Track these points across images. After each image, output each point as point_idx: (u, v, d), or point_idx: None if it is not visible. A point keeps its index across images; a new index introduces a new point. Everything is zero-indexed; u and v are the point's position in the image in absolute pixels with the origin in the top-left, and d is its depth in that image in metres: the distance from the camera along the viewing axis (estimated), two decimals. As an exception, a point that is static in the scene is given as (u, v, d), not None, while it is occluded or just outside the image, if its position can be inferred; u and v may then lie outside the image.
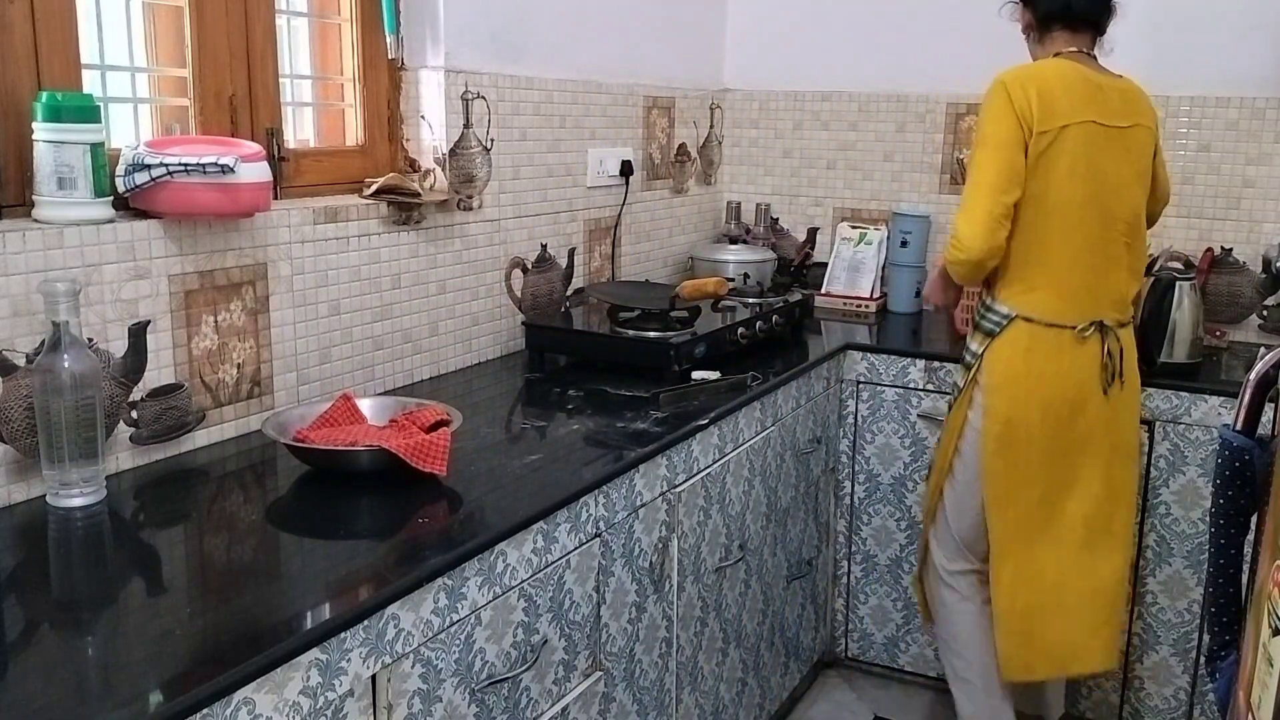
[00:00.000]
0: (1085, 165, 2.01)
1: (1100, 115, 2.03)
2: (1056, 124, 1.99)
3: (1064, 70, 2.05)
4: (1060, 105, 1.99)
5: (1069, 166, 2.01)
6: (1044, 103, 1.99)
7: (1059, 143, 1.99)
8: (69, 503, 1.47)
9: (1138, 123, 2.10)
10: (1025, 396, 2.08)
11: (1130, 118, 2.09)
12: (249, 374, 1.83)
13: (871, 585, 2.78)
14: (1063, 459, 2.10)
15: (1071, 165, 2.01)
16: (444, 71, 2.18)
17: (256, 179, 1.66)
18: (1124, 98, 2.09)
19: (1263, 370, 1.21)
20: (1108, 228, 2.06)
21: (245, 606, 1.25)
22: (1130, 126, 2.08)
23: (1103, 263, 2.07)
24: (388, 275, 2.09)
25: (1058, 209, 2.02)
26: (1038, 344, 2.07)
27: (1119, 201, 2.07)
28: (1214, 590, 1.27)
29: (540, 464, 1.73)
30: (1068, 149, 2.00)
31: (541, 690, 1.61)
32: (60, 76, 1.58)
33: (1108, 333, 2.07)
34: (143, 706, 1.01)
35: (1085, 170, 2.01)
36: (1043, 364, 2.07)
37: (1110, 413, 2.11)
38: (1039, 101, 1.98)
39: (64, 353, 1.43)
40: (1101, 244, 2.06)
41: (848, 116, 3.22)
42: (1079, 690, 2.57)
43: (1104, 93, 2.06)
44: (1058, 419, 2.07)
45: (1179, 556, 2.44)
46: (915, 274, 3.06)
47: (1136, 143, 2.09)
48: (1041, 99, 1.99)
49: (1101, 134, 2.03)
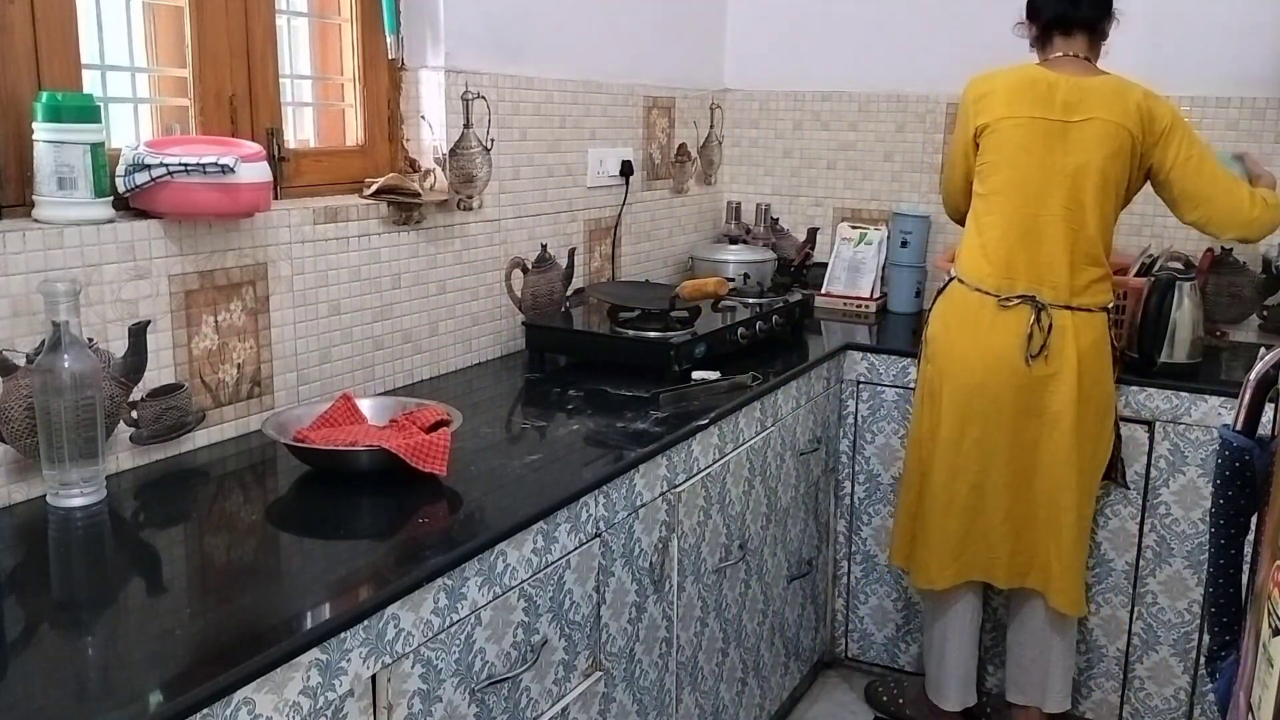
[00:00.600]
0: (1021, 153, 2.25)
1: (1046, 111, 2.23)
2: (994, 118, 2.27)
3: (1017, 73, 2.28)
4: (998, 103, 2.27)
5: (1002, 154, 2.27)
6: (985, 103, 2.29)
7: (996, 134, 2.27)
8: (69, 503, 1.47)
9: (1092, 116, 2.21)
10: (947, 349, 2.33)
11: (1085, 113, 2.21)
12: (249, 374, 1.83)
13: (871, 585, 2.78)
14: (980, 415, 2.29)
15: (1007, 154, 2.26)
16: (444, 71, 2.18)
17: (256, 179, 1.66)
18: (1085, 94, 2.22)
19: (1263, 370, 1.21)
20: (1040, 210, 2.24)
21: (245, 606, 1.25)
22: (1083, 120, 2.22)
23: (1035, 241, 2.25)
24: (388, 275, 2.09)
25: (993, 190, 2.30)
26: (964, 305, 2.31)
27: (1053, 187, 2.24)
28: (1214, 590, 1.28)
29: (540, 464, 1.73)
30: (1002, 140, 2.26)
31: (541, 690, 1.61)
32: (60, 76, 1.58)
33: (1043, 310, 2.22)
34: (143, 707, 1.01)
35: (1019, 158, 2.25)
36: (961, 323, 2.31)
37: (1034, 383, 2.24)
38: (982, 102, 2.30)
39: (64, 353, 1.43)
40: (1035, 224, 2.25)
41: (848, 116, 3.22)
42: (1079, 690, 2.57)
43: (1056, 91, 2.23)
44: (971, 375, 2.28)
45: (1179, 556, 2.44)
46: (915, 274, 3.06)
47: (1086, 135, 2.22)
48: (982, 100, 2.29)
49: (1042, 127, 2.23)
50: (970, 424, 2.29)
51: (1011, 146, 2.26)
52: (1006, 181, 2.27)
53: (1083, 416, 2.25)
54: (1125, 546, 2.48)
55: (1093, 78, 2.25)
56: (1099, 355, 2.27)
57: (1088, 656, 2.55)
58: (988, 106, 2.28)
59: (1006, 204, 2.27)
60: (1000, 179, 2.28)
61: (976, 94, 2.31)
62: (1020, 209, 2.26)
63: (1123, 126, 2.21)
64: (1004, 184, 2.28)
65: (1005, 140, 2.26)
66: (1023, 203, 2.26)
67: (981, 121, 2.29)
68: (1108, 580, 2.51)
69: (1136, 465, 2.44)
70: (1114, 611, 2.51)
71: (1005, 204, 2.28)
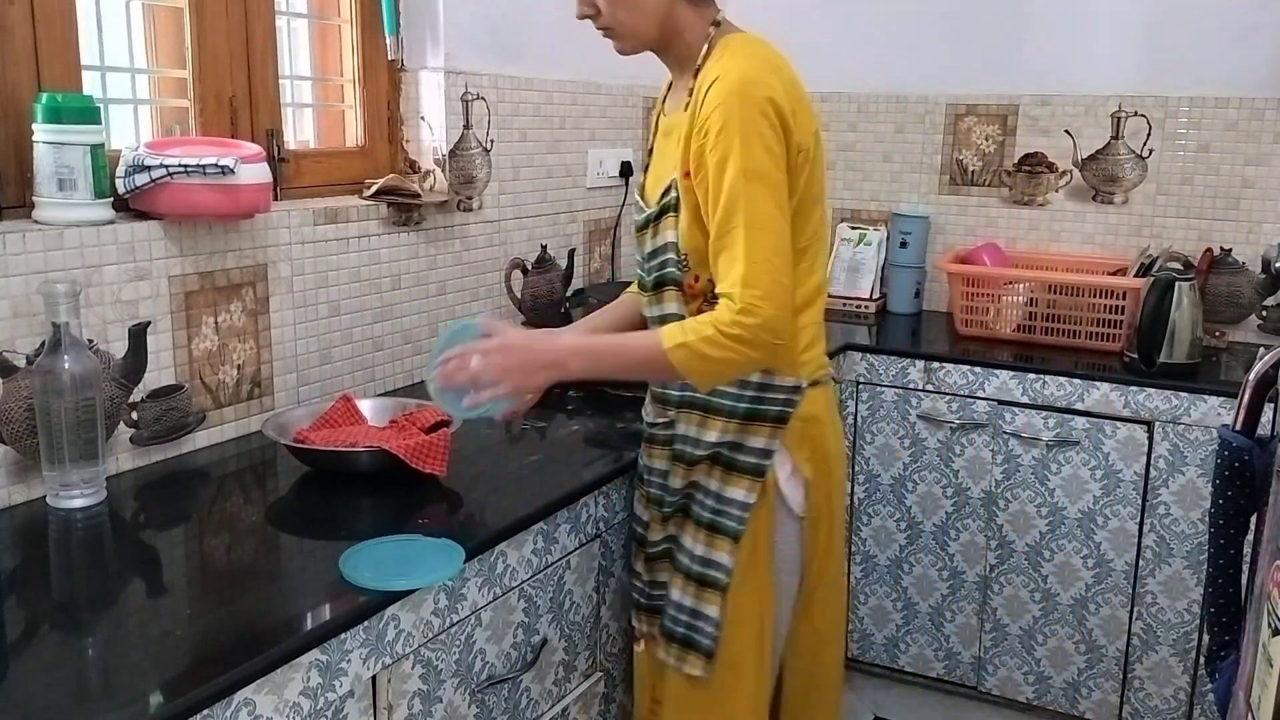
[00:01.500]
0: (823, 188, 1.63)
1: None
2: (810, 136, 1.54)
3: (785, 60, 1.58)
4: (807, 114, 1.54)
5: (819, 188, 1.60)
6: (801, 115, 1.52)
7: (813, 163, 1.56)
8: (69, 504, 1.47)
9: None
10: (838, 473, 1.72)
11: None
12: (249, 375, 1.83)
13: (871, 585, 2.78)
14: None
15: (818, 189, 1.59)
16: (444, 72, 2.18)
17: (256, 180, 1.67)
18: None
19: (1262, 370, 1.21)
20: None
21: (245, 607, 1.25)
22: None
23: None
24: (388, 276, 2.09)
25: (815, 236, 1.60)
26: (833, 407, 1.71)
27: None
28: (1214, 590, 1.28)
29: (540, 464, 1.73)
30: (816, 170, 1.57)
31: (541, 691, 1.61)
32: (60, 78, 1.58)
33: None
34: (143, 707, 1.01)
35: (823, 195, 1.62)
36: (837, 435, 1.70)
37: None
38: (799, 114, 1.50)
39: (64, 354, 1.43)
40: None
41: (847, 117, 3.22)
42: (1079, 690, 2.57)
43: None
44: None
45: (1179, 556, 2.44)
46: (915, 274, 3.06)
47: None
48: (798, 111, 1.51)
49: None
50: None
51: (821, 178, 1.57)
52: (822, 224, 1.58)
53: None
54: (1125, 547, 2.48)
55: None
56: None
57: (1088, 656, 2.55)
58: (804, 120, 1.49)
59: (822, 255, 1.59)
60: (817, 220, 1.56)
61: (786, 99, 1.46)
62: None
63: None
64: (821, 227, 1.58)
65: (818, 169, 1.55)
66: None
67: (802, 142, 1.49)
68: (1108, 580, 2.51)
69: (1136, 466, 2.44)
70: (1114, 611, 2.51)
71: (822, 256, 1.59)
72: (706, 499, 1.56)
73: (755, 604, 1.57)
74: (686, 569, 1.57)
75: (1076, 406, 2.47)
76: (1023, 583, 2.59)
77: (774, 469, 1.54)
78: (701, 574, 1.56)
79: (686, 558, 1.57)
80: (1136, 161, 2.84)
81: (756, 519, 1.54)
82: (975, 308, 2.79)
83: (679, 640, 1.59)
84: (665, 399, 1.62)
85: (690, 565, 1.57)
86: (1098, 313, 2.64)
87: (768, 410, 1.53)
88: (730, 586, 1.54)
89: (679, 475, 1.60)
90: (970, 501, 2.61)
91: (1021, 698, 2.65)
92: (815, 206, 1.55)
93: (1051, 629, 2.58)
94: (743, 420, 1.54)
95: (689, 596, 1.57)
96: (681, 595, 1.58)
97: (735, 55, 1.48)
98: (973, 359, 2.59)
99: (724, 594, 1.55)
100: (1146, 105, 2.82)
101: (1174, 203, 2.86)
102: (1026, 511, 2.56)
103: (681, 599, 1.58)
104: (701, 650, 1.57)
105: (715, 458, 1.56)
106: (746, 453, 1.54)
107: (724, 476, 1.55)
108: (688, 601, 1.57)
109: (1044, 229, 3.02)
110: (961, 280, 2.79)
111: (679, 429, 1.60)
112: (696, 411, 1.57)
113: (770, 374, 1.52)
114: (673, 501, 1.60)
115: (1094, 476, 2.48)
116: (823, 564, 1.62)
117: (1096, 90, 2.87)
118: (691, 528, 1.57)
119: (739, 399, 1.53)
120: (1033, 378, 2.51)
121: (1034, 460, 2.53)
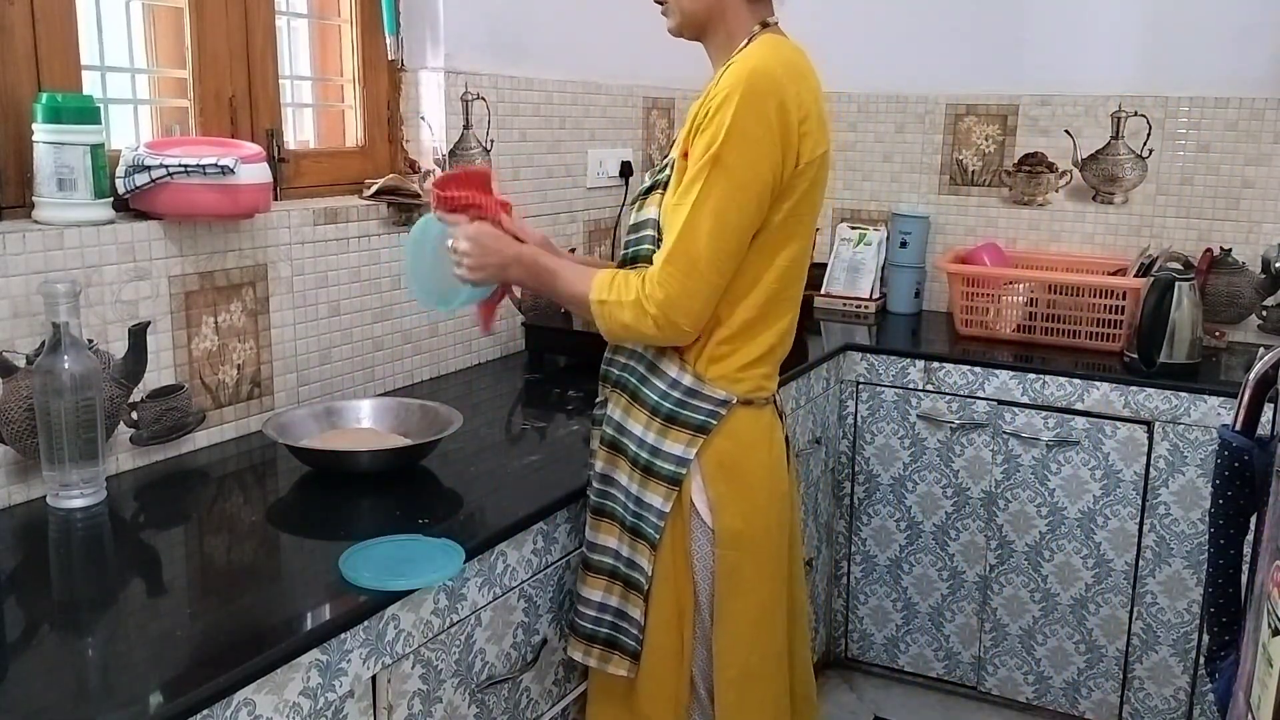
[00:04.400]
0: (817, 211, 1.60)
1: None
2: (818, 152, 1.50)
3: (808, 64, 1.55)
4: (817, 125, 1.50)
5: (814, 209, 1.57)
6: (809, 123, 1.49)
7: (816, 185, 1.54)
8: (69, 504, 1.47)
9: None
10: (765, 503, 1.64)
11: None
12: (249, 375, 1.83)
13: (871, 585, 2.78)
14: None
15: (811, 212, 1.56)
16: (444, 73, 2.18)
17: (256, 180, 1.67)
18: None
19: (1262, 370, 1.21)
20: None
21: (245, 607, 1.25)
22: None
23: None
24: (388, 276, 2.09)
25: (794, 259, 1.57)
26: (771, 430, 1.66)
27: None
28: (1214, 590, 1.28)
29: (540, 464, 1.73)
30: (816, 191, 1.54)
31: (541, 691, 1.61)
32: (60, 78, 1.58)
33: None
34: (143, 708, 1.01)
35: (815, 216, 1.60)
36: (779, 462, 1.65)
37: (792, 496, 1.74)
38: (807, 122, 1.47)
39: (64, 354, 1.43)
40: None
41: (847, 117, 3.22)
42: (1078, 690, 2.57)
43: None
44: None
45: (1179, 556, 2.44)
46: (915, 274, 3.06)
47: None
48: (807, 120, 1.49)
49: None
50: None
51: (819, 198, 1.53)
52: (804, 250, 1.54)
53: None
54: (1125, 546, 2.48)
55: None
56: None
57: (1088, 656, 2.55)
58: (814, 134, 1.45)
59: (799, 282, 1.58)
60: (804, 243, 1.53)
61: (798, 106, 1.42)
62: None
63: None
64: (803, 252, 1.54)
65: (817, 189, 1.50)
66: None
67: (805, 155, 1.44)
68: (1108, 580, 2.51)
69: (1136, 466, 2.44)
70: (1114, 611, 2.51)
71: (799, 281, 1.57)
72: (628, 501, 1.55)
73: (675, 608, 1.55)
74: (613, 569, 1.57)
75: (1076, 406, 2.47)
76: (1023, 583, 2.59)
77: (689, 479, 1.51)
78: (627, 575, 1.55)
79: (611, 558, 1.57)
80: (1136, 161, 2.84)
81: (674, 527, 1.52)
82: (975, 308, 2.79)
83: (602, 641, 1.58)
84: (606, 376, 1.61)
85: (616, 566, 1.56)
86: (1098, 313, 2.64)
87: (690, 417, 1.50)
88: (651, 591, 1.54)
89: (601, 458, 1.58)
90: (970, 501, 2.62)
91: (1021, 698, 2.65)
92: (799, 232, 1.49)
93: (1051, 629, 2.58)
94: (664, 421, 1.51)
95: (614, 597, 1.56)
96: (606, 596, 1.57)
97: (762, 51, 1.46)
98: (973, 359, 2.59)
99: (645, 597, 1.54)
100: (1146, 105, 2.82)
101: (1174, 203, 2.86)
102: (1026, 511, 2.56)
103: (606, 599, 1.57)
104: (626, 651, 1.56)
105: (635, 460, 1.54)
106: (664, 459, 1.51)
107: (643, 480, 1.53)
108: (613, 602, 1.56)
109: (1044, 229, 3.02)
110: (961, 280, 2.79)
111: (609, 409, 1.59)
112: (625, 396, 1.56)
113: (701, 381, 1.51)
114: (598, 491, 1.58)
115: (1094, 476, 2.48)
116: (752, 586, 1.54)
117: (1096, 90, 2.87)
118: (617, 529, 1.56)
119: (665, 396, 1.51)
120: (1033, 378, 2.51)
121: (1034, 460, 2.53)
